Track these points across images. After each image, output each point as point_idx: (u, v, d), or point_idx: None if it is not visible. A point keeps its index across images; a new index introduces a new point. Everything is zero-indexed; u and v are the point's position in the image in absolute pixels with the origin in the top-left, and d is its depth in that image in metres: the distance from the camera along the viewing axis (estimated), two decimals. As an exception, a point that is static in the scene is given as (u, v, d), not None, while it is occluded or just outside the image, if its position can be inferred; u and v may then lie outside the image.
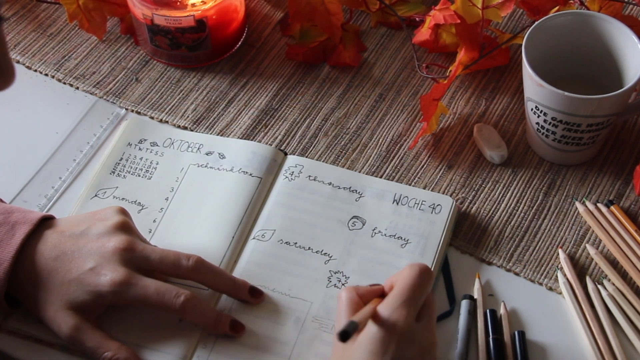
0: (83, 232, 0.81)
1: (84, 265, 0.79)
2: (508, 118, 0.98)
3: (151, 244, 0.84)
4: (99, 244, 0.80)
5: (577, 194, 0.92)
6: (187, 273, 0.80)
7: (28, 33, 1.07)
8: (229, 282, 0.82)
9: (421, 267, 0.75)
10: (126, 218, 0.82)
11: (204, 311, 0.79)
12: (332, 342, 0.80)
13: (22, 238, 0.80)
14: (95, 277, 0.78)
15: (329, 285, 0.85)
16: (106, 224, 0.81)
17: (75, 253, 0.79)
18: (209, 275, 0.81)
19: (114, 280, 0.78)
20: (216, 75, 1.03)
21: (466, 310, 0.83)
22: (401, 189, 0.91)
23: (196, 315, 0.79)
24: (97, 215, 0.83)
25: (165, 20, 0.97)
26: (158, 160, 0.94)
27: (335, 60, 1.04)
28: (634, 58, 0.89)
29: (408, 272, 0.75)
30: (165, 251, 0.81)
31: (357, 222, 0.89)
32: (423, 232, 0.88)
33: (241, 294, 0.82)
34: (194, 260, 0.80)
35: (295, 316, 0.82)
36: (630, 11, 1.07)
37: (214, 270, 0.82)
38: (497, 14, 0.94)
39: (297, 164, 0.93)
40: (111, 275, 0.78)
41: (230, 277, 0.82)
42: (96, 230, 0.81)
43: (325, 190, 0.91)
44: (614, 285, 0.85)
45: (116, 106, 1.00)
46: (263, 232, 0.88)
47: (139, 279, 0.78)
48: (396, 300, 0.73)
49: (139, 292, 0.78)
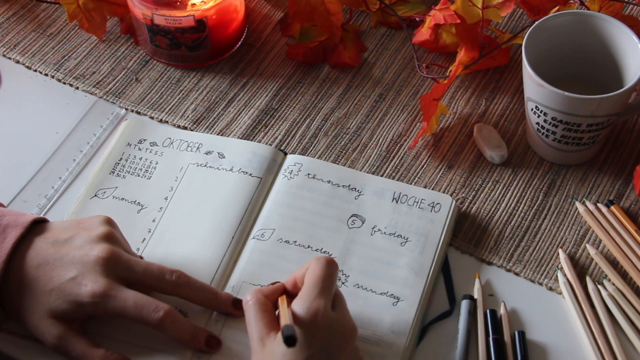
0: (67, 240, 0.80)
1: (66, 274, 0.78)
2: (508, 118, 0.98)
3: (138, 255, 0.84)
4: (82, 253, 0.78)
5: (577, 194, 0.92)
6: (169, 288, 0.80)
7: (28, 33, 1.07)
8: (212, 297, 0.81)
9: (327, 259, 0.76)
10: (111, 228, 0.81)
11: (181, 327, 0.79)
12: None
13: (12, 243, 0.79)
14: (76, 287, 0.77)
15: None
16: (91, 234, 0.80)
17: (57, 261, 0.79)
18: (191, 291, 0.80)
19: (94, 291, 0.77)
20: (216, 75, 1.03)
21: (466, 310, 0.83)
22: (400, 187, 0.91)
23: (173, 330, 0.78)
24: (82, 224, 0.82)
25: (165, 20, 0.97)
26: (157, 160, 0.94)
27: (335, 60, 1.04)
28: (634, 58, 0.89)
29: (315, 264, 0.76)
30: (150, 264, 0.80)
31: (357, 220, 0.89)
32: (423, 230, 0.88)
33: (224, 307, 0.81)
34: (177, 276, 0.80)
35: None
36: (630, 11, 1.07)
37: (197, 285, 0.81)
38: (497, 13, 0.94)
39: (296, 162, 0.93)
40: (91, 286, 0.77)
41: (213, 291, 0.82)
42: (80, 240, 0.80)
43: (325, 189, 0.91)
44: (614, 285, 0.85)
45: (116, 106, 1.00)
46: (262, 232, 0.88)
47: (119, 290, 0.77)
48: (311, 293, 0.74)
49: (118, 305, 0.77)
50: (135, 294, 0.78)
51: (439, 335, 0.83)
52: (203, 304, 0.82)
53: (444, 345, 0.82)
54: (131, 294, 0.78)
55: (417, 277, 0.85)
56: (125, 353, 0.79)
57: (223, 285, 0.85)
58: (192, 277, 0.81)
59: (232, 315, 0.82)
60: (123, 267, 0.79)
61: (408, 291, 0.84)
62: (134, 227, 0.89)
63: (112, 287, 0.77)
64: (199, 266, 0.85)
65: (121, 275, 0.79)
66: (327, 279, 0.75)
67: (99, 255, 0.78)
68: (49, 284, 0.78)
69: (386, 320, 0.82)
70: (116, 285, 0.78)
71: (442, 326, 0.83)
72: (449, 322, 0.84)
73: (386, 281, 0.84)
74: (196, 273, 0.84)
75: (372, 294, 0.84)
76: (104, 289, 0.77)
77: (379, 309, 0.83)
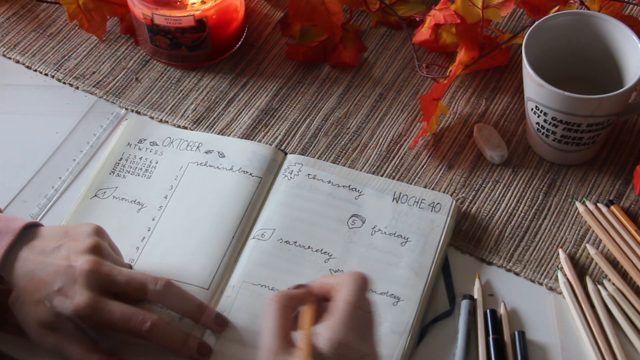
0: (53, 250, 0.79)
1: (51, 285, 0.77)
2: (508, 118, 0.98)
3: (127, 264, 0.83)
4: (66, 264, 0.77)
5: (577, 193, 0.92)
6: (154, 297, 0.78)
7: (28, 33, 1.07)
8: (196, 308, 0.80)
9: (362, 277, 0.72)
10: (98, 239, 0.80)
11: (171, 335, 0.78)
12: None
13: (4, 250, 0.78)
14: (62, 300, 0.76)
15: None
16: (77, 245, 0.79)
17: (42, 272, 0.78)
18: (176, 301, 0.79)
19: (78, 306, 0.76)
20: (216, 75, 1.03)
21: (466, 310, 0.83)
22: (401, 187, 0.91)
23: (164, 339, 0.78)
24: (70, 233, 0.80)
25: (165, 20, 0.97)
26: (157, 159, 0.94)
27: (336, 60, 1.04)
28: (634, 58, 0.89)
29: (351, 285, 0.71)
30: (133, 275, 0.79)
31: (357, 220, 0.89)
32: (423, 230, 0.88)
33: (206, 321, 0.81)
34: (162, 285, 0.78)
35: None
36: (631, 11, 1.07)
37: (183, 295, 0.80)
38: (497, 13, 0.94)
39: (296, 162, 0.93)
40: (77, 299, 0.76)
41: (199, 303, 0.81)
42: (66, 250, 0.78)
43: (325, 189, 0.91)
44: (614, 285, 0.85)
45: (116, 106, 1.00)
46: (263, 232, 0.88)
47: (105, 303, 0.76)
48: (343, 325, 0.69)
49: (105, 317, 0.76)
50: (121, 306, 0.77)
51: (439, 335, 0.83)
52: (186, 315, 0.81)
53: (444, 345, 0.82)
54: (117, 307, 0.77)
55: (417, 277, 0.85)
56: (125, 350, 0.79)
57: (224, 284, 0.85)
58: (179, 286, 0.80)
59: (212, 330, 0.81)
60: (106, 279, 0.77)
61: (408, 291, 0.84)
62: (133, 226, 0.89)
63: (96, 300, 0.76)
64: (198, 265, 0.85)
65: (105, 288, 0.77)
66: (361, 302, 0.71)
67: (83, 267, 0.77)
68: (36, 294, 0.77)
69: (386, 320, 0.82)
70: (101, 298, 0.76)
71: (442, 326, 0.83)
72: (449, 322, 0.84)
73: (386, 281, 0.84)
74: (196, 272, 0.85)
75: (373, 294, 0.83)
76: (88, 303, 0.76)
77: (379, 309, 0.82)
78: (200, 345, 0.79)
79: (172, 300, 0.79)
